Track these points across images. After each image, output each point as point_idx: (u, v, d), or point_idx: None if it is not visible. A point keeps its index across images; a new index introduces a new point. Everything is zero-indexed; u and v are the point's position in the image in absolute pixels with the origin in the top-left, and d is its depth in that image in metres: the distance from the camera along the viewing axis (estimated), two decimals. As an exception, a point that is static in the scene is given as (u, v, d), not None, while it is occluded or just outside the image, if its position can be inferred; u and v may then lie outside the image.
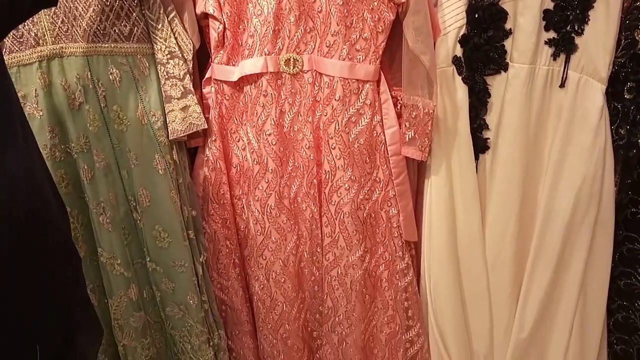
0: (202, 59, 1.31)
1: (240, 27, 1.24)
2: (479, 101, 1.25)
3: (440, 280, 1.35)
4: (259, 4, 1.20)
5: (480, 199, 1.31)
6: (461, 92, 1.24)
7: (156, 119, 1.24)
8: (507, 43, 1.20)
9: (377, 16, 1.19)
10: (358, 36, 1.20)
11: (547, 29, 1.18)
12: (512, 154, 1.27)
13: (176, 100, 1.23)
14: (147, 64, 1.22)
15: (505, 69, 1.22)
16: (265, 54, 1.22)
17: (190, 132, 1.25)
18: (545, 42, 1.19)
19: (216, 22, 1.22)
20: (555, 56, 1.20)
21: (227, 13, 1.20)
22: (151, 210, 1.26)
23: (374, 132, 1.27)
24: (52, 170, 1.20)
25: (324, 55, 1.22)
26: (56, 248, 0.90)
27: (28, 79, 1.18)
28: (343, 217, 1.30)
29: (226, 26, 1.22)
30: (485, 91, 1.24)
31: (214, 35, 1.24)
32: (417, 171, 1.38)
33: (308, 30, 1.22)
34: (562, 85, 1.21)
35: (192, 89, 1.24)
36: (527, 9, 1.17)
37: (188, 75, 1.23)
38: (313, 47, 1.23)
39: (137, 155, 1.24)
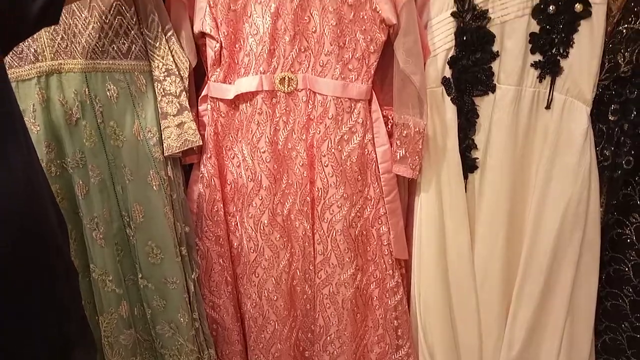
0: (198, 76, 1.34)
1: (237, 46, 1.27)
2: (467, 121, 1.28)
3: (430, 298, 1.36)
4: (254, 23, 1.23)
5: (469, 218, 1.33)
6: (450, 112, 1.27)
7: (152, 135, 1.25)
8: (495, 65, 1.24)
9: (369, 37, 1.23)
10: (351, 56, 1.24)
11: (533, 51, 1.22)
12: (500, 174, 1.29)
13: (172, 116, 1.25)
14: (144, 81, 1.24)
15: (493, 90, 1.25)
16: (260, 73, 1.25)
17: (186, 148, 1.27)
18: (532, 65, 1.23)
19: (213, 41, 1.26)
20: (541, 78, 1.23)
21: (224, 32, 1.24)
22: (145, 225, 1.27)
23: (366, 150, 1.30)
24: (47, 185, 1.21)
25: (317, 74, 1.25)
26: (55, 262, 0.91)
27: (26, 94, 1.20)
28: (335, 235, 1.32)
29: (223, 45, 1.25)
30: (473, 112, 1.27)
31: (210, 53, 1.27)
32: (408, 189, 1.40)
33: (302, 50, 1.25)
34: (548, 107, 1.25)
35: (187, 105, 1.26)
36: (514, 32, 1.21)
37: (184, 93, 1.26)
38: (307, 66, 1.26)
39: (132, 171, 1.25)
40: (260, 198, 1.32)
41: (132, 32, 1.20)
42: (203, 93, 1.32)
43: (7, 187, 0.80)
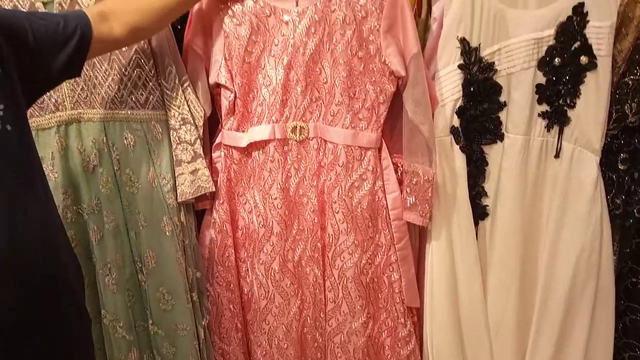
0: (212, 124, 1.37)
1: (250, 96, 1.30)
2: (477, 169, 1.29)
3: (443, 348, 1.34)
4: (268, 75, 1.27)
5: (481, 265, 1.32)
6: (459, 160, 1.28)
7: (166, 181, 1.28)
8: (502, 115, 1.26)
9: (379, 88, 1.26)
10: (361, 106, 1.27)
11: (540, 102, 1.24)
12: (510, 221, 1.29)
13: (186, 163, 1.28)
14: (160, 130, 1.28)
15: (501, 139, 1.27)
16: (273, 122, 1.28)
17: (199, 194, 1.29)
18: (539, 115, 1.25)
19: (227, 91, 1.29)
20: (549, 128, 1.25)
21: (238, 83, 1.28)
22: (157, 271, 1.28)
23: (376, 197, 1.31)
24: (63, 231, 1.23)
25: (328, 123, 1.28)
26: (69, 309, 0.92)
27: (46, 143, 1.23)
28: (346, 282, 1.31)
29: (237, 95, 1.29)
30: (482, 160, 1.29)
31: (225, 103, 1.31)
32: (419, 236, 1.40)
33: (314, 100, 1.28)
34: (557, 156, 1.26)
35: (202, 153, 1.29)
36: (520, 83, 1.23)
37: (199, 140, 1.29)
38: (318, 115, 1.29)
39: (146, 217, 1.27)
40: (272, 244, 1.33)
41: (151, 83, 1.24)
42: (217, 141, 1.35)
43: (26, 238, 0.83)
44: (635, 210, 1.24)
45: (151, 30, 1.16)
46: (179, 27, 1.31)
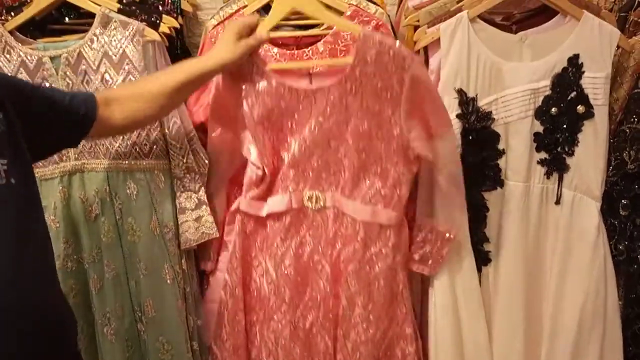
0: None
1: (273, 170, 1.28)
2: (477, 215, 1.29)
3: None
4: (287, 150, 1.25)
5: (485, 312, 1.31)
6: (461, 207, 1.28)
7: (168, 229, 1.28)
8: (502, 162, 1.26)
9: (400, 169, 1.21)
10: (382, 185, 1.22)
11: (538, 150, 1.25)
12: (513, 267, 1.29)
13: (190, 211, 1.29)
14: (163, 178, 1.28)
15: (501, 186, 1.27)
16: (290, 192, 1.26)
17: (203, 240, 1.29)
18: (538, 162, 1.25)
19: (255, 167, 1.27)
20: (548, 175, 1.25)
21: (265, 162, 1.25)
22: (156, 320, 1.27)
23: (395, 273, 1.27)
24: (63, 280, 1.23)
25: (346, 196, 1.25)
26: (64, 355, 0.92)
27: (49, 192, 1.24)
28: (359, 357, 1.27)
29: (264, 172, 1.26)
30: (483, 206, 1.29)
31: (251, 175, 1.28)
32: (421, 284, 1.39)
33: (332, 173, 1.26)
34: (557, 202, 1.26)
35: (206, 200, 1.30)
36: (518, 132, 1.24)
37: (202, 188, 1.30)
38: (336, 187, 1.26)
39: (147, 265, 1.27)
40: (282, 312, 1.28)
41: (154, 134, 1.26)
42: (234, 207, 1.32)
43: (24, 287, 0.84)
44: (639, 256, 1.24)
45: (151, 118, 1.17)
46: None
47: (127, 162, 1.25)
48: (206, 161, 1.30)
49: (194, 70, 1.11)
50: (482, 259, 1.31)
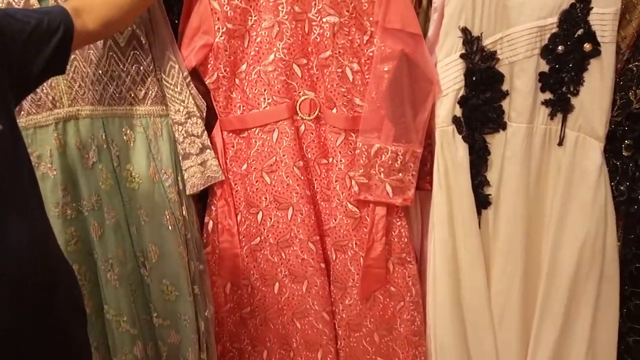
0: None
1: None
2: (479, 159, 1.28)
3: (446, 340, 1.34)
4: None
5: (484, 254, 1.32)
6: (462, 150, 1.27)
7: (167, 176, 1.27)
8: (505, 103, 1.24)
9: None
10: None
11: (543, 90, 1.22)
12: (514, 210, 1.29)
13: (195, 156, 1.28)
14: (159, 125, 1.27)
15: (504, 128, 1.26)
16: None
17: (209, 184, 1.30)
18: (542, 103, 1.23)
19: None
20: (552, 116, 1.23)
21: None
22: (159, 265, 1.28)
23: None
24: (63, 228, 1.24)
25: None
26: (64, 308, 0.93)
27: (44, 140, 1.23)
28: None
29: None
30: (485, 149, 1.27)
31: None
32: (422, 226, 1.39)
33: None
34: (560, 144, 1.25)
35: (209, 144, 1.29)
36: (523, 71, 1.21)
37: (205, 133, 1.29)
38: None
39: (148, 212, 1.27)
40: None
41: (149, 78, 1.23)
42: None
43: (15, 240, 0.83)
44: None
45: (123, 23, 1.15)
46: (176, 22, 1.29)
47: (122, 108, 1.23)
48: (204, 106, 1.28)
49: None
50: (483, 203, 1.31)
